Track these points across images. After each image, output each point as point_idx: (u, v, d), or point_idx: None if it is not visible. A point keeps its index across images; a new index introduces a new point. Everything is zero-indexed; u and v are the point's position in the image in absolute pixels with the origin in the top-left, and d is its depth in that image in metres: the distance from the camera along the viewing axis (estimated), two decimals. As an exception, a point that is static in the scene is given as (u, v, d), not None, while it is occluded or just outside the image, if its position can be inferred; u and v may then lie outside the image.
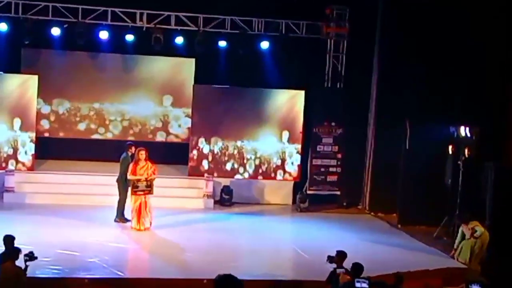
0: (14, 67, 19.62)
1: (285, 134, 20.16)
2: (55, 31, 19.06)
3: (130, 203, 16.35)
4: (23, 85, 19.16)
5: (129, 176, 16.26)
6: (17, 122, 19.04)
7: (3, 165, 18.97)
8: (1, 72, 19.23)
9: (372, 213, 19.92)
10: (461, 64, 18.41)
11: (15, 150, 19.06)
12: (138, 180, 16.04)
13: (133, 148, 16.75)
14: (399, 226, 18.49)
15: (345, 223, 18.36)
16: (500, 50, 18.37)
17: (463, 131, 17.21)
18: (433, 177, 18.07)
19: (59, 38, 19.27)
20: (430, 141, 17.93)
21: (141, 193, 16.05)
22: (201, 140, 19.91)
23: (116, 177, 16.91)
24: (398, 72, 19.31)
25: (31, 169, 19.17)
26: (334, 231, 17.39)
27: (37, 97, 19.40)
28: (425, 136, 18.06)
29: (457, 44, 18.33)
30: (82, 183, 19.01)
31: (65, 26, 19.11)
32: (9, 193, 18.52)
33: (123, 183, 16.70)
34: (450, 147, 17.63)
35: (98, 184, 18.73)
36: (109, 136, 20.93)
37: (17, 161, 19.07)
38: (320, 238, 16.44)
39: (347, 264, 11.14)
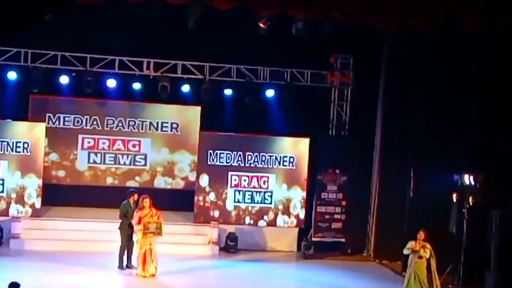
0: (22, 115, 19.68)
1: (290, 181, 20.10)
2: (64, 79, 19.22)
3: (136, 249, 16.25)
4: (30, 132, 19.19)
5: (135, 225, 16.23)
6: (24, 168, 19.02)
7: (10, 211, 18.90)
8: (10, 120, 19.29)
9: (377, 261, 19.76)
10: (465, 110, 18.41)
11: (22, 196, 19.02)
12: (148, 222, 16.02)
13: (136, 195, 16.75)
14: (404, 273, 18.28)
15: (350, 270, 18.22)
16: (507, 96, 18.34)
17: (467, 179, 17.14)
18: (438, 224, 17.87)
19: (68, 86, 19.44)
20: (434, 188, 17.84)
21: (151, 235, 16.02)
22: (207, 187, 19.86)
23: (118, 224, 16.88)
24: (402, 119, 19.34)
25: (37, 215, 19.11)
26: (339, 278, 17.25)
27: (44, 144, 19.39)
28: (429, 183, 17.97)
29: (461, 91, 18.33)
30: (87, 229, 18.94)
31: (74, 74, 19.29)
32: (16, 239, 18.43)
33: (124, 230, 16.68)
34: (454, 194, 17.54)
35: (103, 230, 18.65)
36: (114, 182, 20.87)
37: (23, 208, 19.00)
38: (325, 285, 16.28)
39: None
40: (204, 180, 19.87)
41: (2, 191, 18.96)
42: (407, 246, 14.94)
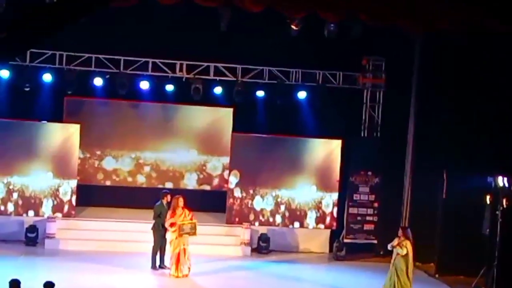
0: (57, 116, 19.85)
1: (322, 183, 20.05)
2: (98, 81, 19.32)
3: (170, 250, 16.33)
4: (65, 134, 19.35)
5: (167, 225, 16.31)
6: (59, 170, 19.18)
7: (45, 212, 19.07)
8: (45, 121, 19.46)
9: (410, 263, 19.60)
10: (499, 112, 18.22)
11: (57, 197, 19.18)
12: (183, 223, 16.10)
13: (169, 196, 16.84)
14: (437, 276, 18.21)
15: (382, 272, 17.96)
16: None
17: (501, 181, 16.98)
18: (471, 226, 17.80)
19: (101, 88, 19.53)
20: (467, 190, 17.71)
21: (186, 235, 16.14)
22: (239, 189, 19.87)
23: (152, 225, 16.96)
24: (435, 121, 19.23)
25: (71, 216, 19.26)
26: (371, 280, 17.12)
27: (79, 146, 19.55)
28: (462, 185, 17.86)
29: (495, 92, 18.14)
30: (121, 230, 19.06)
31: (107, 76, 19.37)
32: (51, 239, 18.59)
33: (157, 231, 16.76)
34: (488, 197, 17.40)
35: (136, 231, 18.75)
36: (147, 183, 20.95)
37: (58, 208, 19.16)
38: (358, 286, 16.17)
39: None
40: (235, 181, 19.87)
41: (38, 192, 19.12)
42: (391, 243, 15.21)
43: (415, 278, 17.52)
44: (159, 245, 16.82)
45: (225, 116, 20.99)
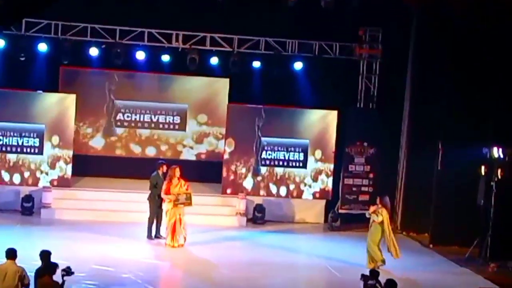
0: (52, 86, 19.79)
1: (318, 153, 20.09)
2: (93, 51, 19.24)
3: (165, 220, 16.39)
4: (61, 104, 19.32)
5: (163, 196, 16.35)
6: (55, 139, 19.18)
7: (41, 182, 19.09)
8: (40, 91, 19.41)
9: (404, 233, 19.73)
10: (495, 84, 18.21)
11: (53, 167, 19.19)
12: (179, 193, 16.12)
13: (164, 167, 16.89)
14: (431, 246, 18.31)
15: (377, 242, 18.14)
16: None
17: (496, 152, 17.02)
18: (466, 197, 17.87)
19: (97, 58, 19.46)
20: (462, 161, 17.75)
21: (182, 205, 16.17)
22: (235, 159, 19.89)
23: (148, 195, 17.01)
24: (431, 92, 19.21)
25: (67, 185, 19.29)
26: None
27: (75, 116, 19.51)
28: (457, 156, 17.88)
29: (491, 63, 18.10)
30: (117, 200, 19.11)
31: (103, 46, 19.28)
32: (47, 209, 18.64)
33: (153, 201, 16.81)
34: (482, 167, 17.42)
35: (132, 201, 18.82)
36: (142, 154, 20.96)
37: (54, 178, 19.19)
38: (353, 257, 16.28)
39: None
40: (231, 152, 19.89)
41: (33, 162, 19.13)
42: (368, 210, 15.75)
43: (408, 248, 17.76)
44: (155, 215, 16.89)
45: (221, 86, 20.95)
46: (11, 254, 10.66)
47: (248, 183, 19.99)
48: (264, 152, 20.03)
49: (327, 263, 15.93)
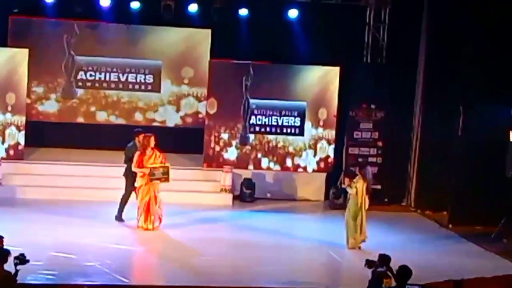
0: (0, 40, 19.69)
1: (317, 118, 20.14)
2: (49, -3, 19.18)
3: (138, 198, 16.38)
4: (11, 60, 19.26)
5: (135, 169, 16.35)
6: (3, 103, 19.13)
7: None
8: (-14, 46, 19.38)
9: (419, 211, 19.90)
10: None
11: (1, 136, 19.16)
12: (154, 167, 16.14)
13: (142, 137, 16.78)
14: (450, 226, 18.45)
15: (387, 222, 18.31)
16: None
17: (528, 113, 17.14)
18: (491, 168, 17.98)
19: (53, 5, 19.38)
20: (487, 125, 17.87)
21: (157, 181, 16.22)
22: (218, 125, 19.93)
23: (123, 170, 17.00)
24: (450, 45, 19.23)
25: (20, 158, 19.28)
26: (374, 232, 17.20)
27: (27, 75, 19.44)
28: (481, 120, 18.02)
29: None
30: (80, 174, 19.15)
31: (60, -9, 19.21)
32: (-5, 186, 18.68)
33: (129, 177, 16.81)
34: (511, 132, 17.50)
35: (98, 176, 18.93)
36: (111, 120, 20.97)
37: (3, 149, 19.17)
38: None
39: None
40: (215, 117, 19.92)
41: (-21, 130, 19.16)
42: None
43: (424, 229, 17.97)
44: (130, 194, 16.86)
45: (201, 39, 20.92)
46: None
47: (234, 154, 20.04)
48: (253, 117, 20.08)
49: (327, 247, 16.01)
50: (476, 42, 18.81)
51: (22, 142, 19.30)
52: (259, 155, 20.15)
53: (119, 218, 16.93)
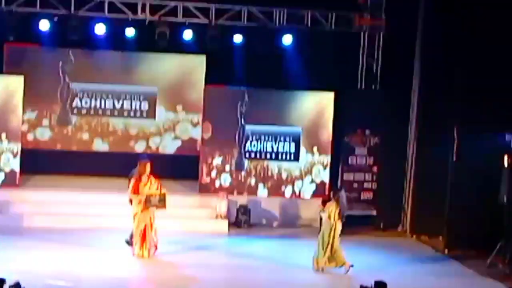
0: (-4, 67, 19.81)
1: (311, 144, 20.17)
2: (44, 25, 19.25)
3: (133, 225, 16.36)
4: (6, 88, 19.29)
5: (131, 195, 16.34)
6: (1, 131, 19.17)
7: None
8: (-19, 73, 19.41)
9: (414, 237, 19.87)
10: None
11: (-3, 163, 19.21)
12: (150, 194, 16.13)
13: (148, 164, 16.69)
14: (446, 251, 18.43)
15: (382, 248, 18.32)
16: None
17: (522, 139, 17.16)
18: (486, 193, 17.95)
19: (49, 33, 19.45)
20: (481, 151, 17.85)
21: (154, 208, 16.17)
22: (213, 151, 19.95)
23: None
24: (444, 71, 19.24)
25: (15, 185, 19.26)
26: (370, 257, 17.34)
27: (23, 102, 19.47)
28: (475, 145, 17.96)
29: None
30: (75, 202, 19.11)
31: (56, 19, 19.28)
32: (-9, 213, 18.64)
33: None
34: (506, 158, 17.52)
35: (94, 203, 18.87)
36: (106, 147, 20.97)
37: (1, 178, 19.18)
38: (357, 267, 16.35)
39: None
40: (210, 142, 19.94)
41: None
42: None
43: (419, 254, 17.93)
44: None
45: (196, 65, 21.00)
46: None
47: (229, 180, 20.04)
48: (248, 143, 20.11)
49: (324, 273, 15.99)
50: (470, 66, 18.80)
51: (18, 169, 19.29)
52: (255, 181, 20.16)
53: (130, 242, 16.80)
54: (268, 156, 20.18)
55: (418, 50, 20.15)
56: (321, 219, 16.29)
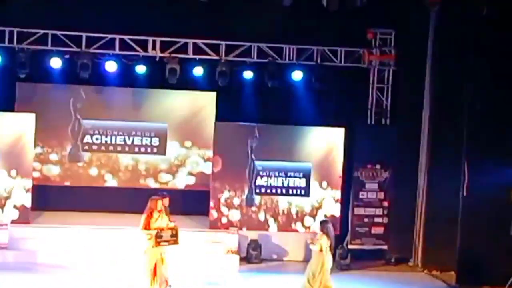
0: (7, 105, 19.84)
1: (322, 179, 20.17)
2: (55, 63, 19.34)
3: (144, 261, 16.30)
4: (17, 125, 19.37)
5: (141, 231, 16.30)
6: (11, 167, 19.19)
7: (-5, 217, 19.14)
8: (-7, 111, 19.50)
9: (426, 271, 19.79)
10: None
11: (8, 199, 19.18)
12: (162, 229, 16.11)
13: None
14: (458, 286, 18.34)
15: (394, 283, 18.26)
16: None
17: (533, 172, 17.16)
18: (498, 227, 17.94)
19: (60, 71, 19.56)
20: (493, 185, 17.84)
21: (166, 243, 16.11)
22: (223, 186, 19.97)
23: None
24: (454, 106, 19.27)
25: (27, 221, 19.28)
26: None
27: (34, 139, 19.56)
28: (487, 179, 17.97)
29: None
30: (87, 238, 19.04)
31: (67, 56, 19.40)
32: (2, 250, 18.58)
33: None
34: (514, 191, 17.56)
35: (105, 239, 18.83)
36: (116, 183, 21.01)
37: (10, 214, 19.17)
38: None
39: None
40: (220, 177, 19.97)
41: (-14, 194, 19.19)
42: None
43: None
44: None
45: (206, 102, 21.05)
46: None
47: (240, 215, 20.04)
48: (258, 179, 20.11)
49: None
50: (480, 103, 18.84)
51: (29, 205, 19.32)
52: (265, 216, 20.15)
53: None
54: (279, 191, 20.17)
55: (427, 85, 20.17)
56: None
